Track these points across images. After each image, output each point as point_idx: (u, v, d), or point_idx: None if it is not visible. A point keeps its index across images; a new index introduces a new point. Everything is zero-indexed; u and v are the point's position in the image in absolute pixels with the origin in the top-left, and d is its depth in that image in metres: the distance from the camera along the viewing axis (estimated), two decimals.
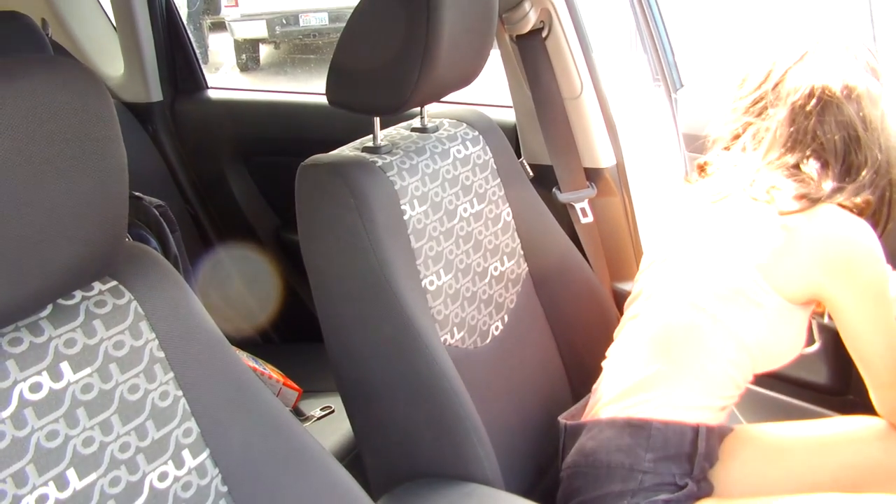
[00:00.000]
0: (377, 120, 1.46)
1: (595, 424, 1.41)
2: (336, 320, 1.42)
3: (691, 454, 1.34)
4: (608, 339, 1.53)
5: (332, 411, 1.97)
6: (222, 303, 2.47)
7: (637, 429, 1.35)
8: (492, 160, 1.61)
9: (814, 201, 1.29)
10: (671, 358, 1.37)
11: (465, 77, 1.49)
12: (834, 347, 1.59)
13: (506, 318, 1.60)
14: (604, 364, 1.49)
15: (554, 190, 2.00)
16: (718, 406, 1.38)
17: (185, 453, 0.96)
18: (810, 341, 1.40)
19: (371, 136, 1.47)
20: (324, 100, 1.45)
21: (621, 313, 1.54)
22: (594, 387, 1.49)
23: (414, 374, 1.35)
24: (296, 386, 2.01)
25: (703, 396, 1.36)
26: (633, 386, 1.39)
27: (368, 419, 1.45)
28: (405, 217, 1.41)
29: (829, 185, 1.31)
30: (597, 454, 1.37)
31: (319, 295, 1.42)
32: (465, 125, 1.60)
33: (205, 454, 0.97)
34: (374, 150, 1.45)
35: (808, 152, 1.34)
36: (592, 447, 1.38)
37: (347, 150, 1.48)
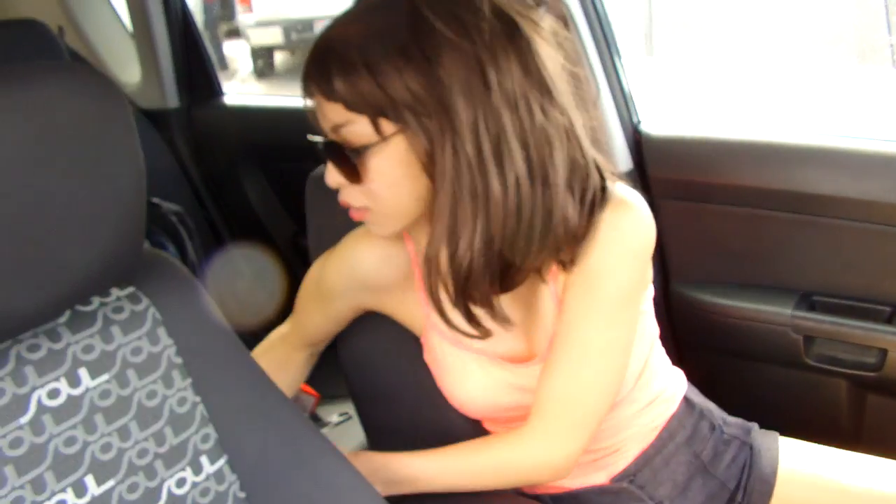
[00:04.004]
0: None
1: None
2: (346, 326, 1.41)
3: None
4: None
5: (350, 417, 1.96)
6: (239, 308, 2.47)
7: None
8: None
9: None
10: None
11: None
12: None
13: None
14: None
15: None
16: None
17: (203, 459, 0.96)
18: None
19: None
20: None
21: None
22: None
23: (421, 380, 1.34)
24: (313, 391, 2.01)
25: None
26: None
27: (379, 425, 1.45)
28: None
29: None
30: None
31: None
32: None
33: (222, 460, 0.97)
34: None
35: None
36: None
37: None
